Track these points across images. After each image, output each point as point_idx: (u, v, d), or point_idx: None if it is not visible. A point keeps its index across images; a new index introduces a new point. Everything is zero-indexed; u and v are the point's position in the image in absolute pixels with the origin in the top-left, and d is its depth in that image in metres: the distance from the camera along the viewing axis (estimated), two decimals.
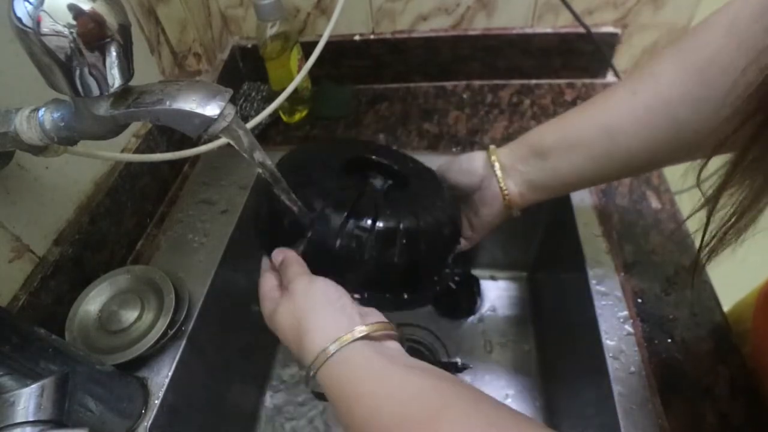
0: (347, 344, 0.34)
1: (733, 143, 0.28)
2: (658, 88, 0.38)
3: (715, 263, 0.31)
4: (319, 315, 0.36)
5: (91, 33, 0.26)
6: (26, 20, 0.25)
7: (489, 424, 0.28)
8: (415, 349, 0.73)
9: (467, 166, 0.49)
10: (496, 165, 0.47)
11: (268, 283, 0.41)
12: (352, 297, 0.39)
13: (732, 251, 0.30)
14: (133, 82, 0.30)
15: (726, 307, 0.48)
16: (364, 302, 0.40)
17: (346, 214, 0.41)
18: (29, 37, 0.25)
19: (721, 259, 0.30)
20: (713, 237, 0.30)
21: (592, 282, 0.50)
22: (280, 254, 0.43)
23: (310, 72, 0.62)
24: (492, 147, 0.48)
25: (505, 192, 0.47)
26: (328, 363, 0.33)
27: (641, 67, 0.41)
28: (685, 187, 0.33)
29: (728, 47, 0.33)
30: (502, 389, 0.70)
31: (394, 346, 0.36)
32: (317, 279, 0.39)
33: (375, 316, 0.37)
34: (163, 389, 0.45)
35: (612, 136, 0.40)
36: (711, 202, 0.29)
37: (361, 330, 0.34)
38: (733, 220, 0.28)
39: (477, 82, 0.77)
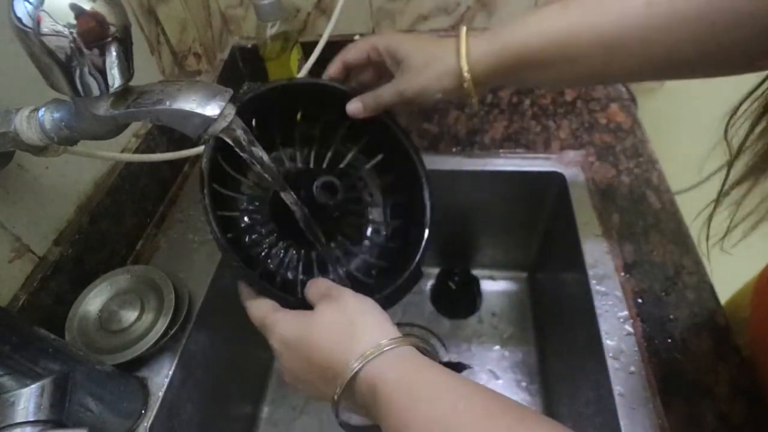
0: (400, 345, 0.33)
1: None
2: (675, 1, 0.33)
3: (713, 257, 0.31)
4: (376, 316, 0.35)
5: (92, 33, 0.26)
6: (26, 20, 0.25)
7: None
8: None
9: (436, 86, 0.42)
10: (469, 83, 0.41)
11: (263, 305, 0.40)
12: None
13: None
14: (133, 82, 0.30)
15: (722, 299, 0.48)
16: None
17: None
18: (29, 37, 0.25)
19: (717, 253, 0.30)
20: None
21: (592, 282, 0.50)
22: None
23: (310, 72, 0.62)
24: (463, 54, 0.40)
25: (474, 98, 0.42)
26: (384, 354, 0.32)
27: None
28: (685, 187, 0.33)
29: None
30: (501, 389, 0.70)
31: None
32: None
33: None
34: (163, 389, 0.45)
35: (613, 53, 0.36)
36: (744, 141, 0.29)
37: (405, 337, 0.34)
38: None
39: None
